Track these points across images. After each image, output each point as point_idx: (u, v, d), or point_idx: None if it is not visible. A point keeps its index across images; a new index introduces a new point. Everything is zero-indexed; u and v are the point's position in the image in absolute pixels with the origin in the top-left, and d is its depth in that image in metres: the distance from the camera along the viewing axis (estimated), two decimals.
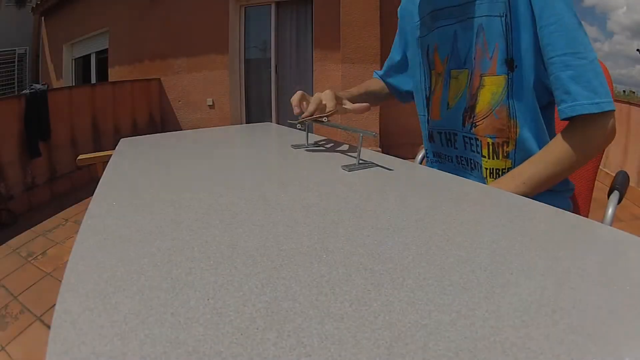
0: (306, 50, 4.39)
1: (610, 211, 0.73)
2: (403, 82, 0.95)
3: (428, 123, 0.84)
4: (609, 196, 0.77)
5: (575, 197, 0.84)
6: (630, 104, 3.12)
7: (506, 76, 0.66)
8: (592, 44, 0.63)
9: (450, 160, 0.80)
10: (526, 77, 0.65)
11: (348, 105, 0.76)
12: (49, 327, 0.82)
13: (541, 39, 0.62)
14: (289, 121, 0.81)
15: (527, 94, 0.66)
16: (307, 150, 0.74)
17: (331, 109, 0.72)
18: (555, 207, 0.45)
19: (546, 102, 0.69)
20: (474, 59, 0.69)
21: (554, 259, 0.34)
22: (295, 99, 0.75)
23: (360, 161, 0.64)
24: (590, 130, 0.62)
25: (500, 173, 0.72)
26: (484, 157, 0.72)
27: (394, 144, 3.92)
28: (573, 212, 0.76)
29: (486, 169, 0.73)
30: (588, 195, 0.88)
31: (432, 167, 0.85)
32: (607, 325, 0.25)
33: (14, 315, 1.68)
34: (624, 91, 4.10)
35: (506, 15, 0.64)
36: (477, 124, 0.71)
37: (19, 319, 1.65)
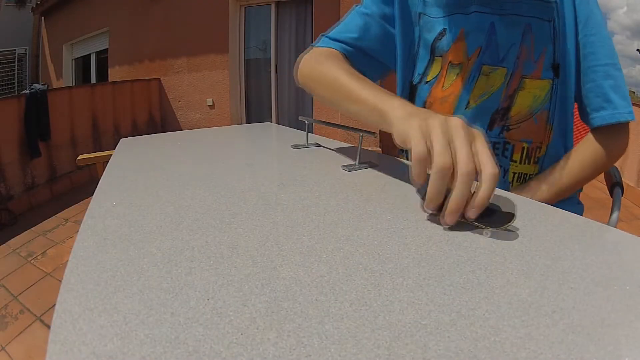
0: None
1: (616, 207, 0.76)
2: (374, 68, 0.76)
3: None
4: (611, 192, 0.79)
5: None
6: None
7: (551, 81, 0.66)
8: None
9: None
10: (569, 83, 0.66)
11: None
12: (49, 327, 0.82)
13: (584, 47, 0.64)
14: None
15: (567, 101, 0.67)
16: (307, 150, 0.74)
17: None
18: (555, 207, 0.46)
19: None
20: (517, 58, 0.66)
21: (554, 259, 0.34)
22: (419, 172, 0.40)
23: (360, 161, 0.64)
24: (617, 138, 0.66)
25: (527, 178, 0.70)
26: (514, 161, 0.69)
27: (394, 144, 3.92)
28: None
29: (514, 173, 0.69)
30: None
31: None
32: (607, 325, 0.25)
33: (14, 315, 1.68)
34: None
35: (554, 20, 0.64)
36: (512, 127, 0.67)
37: (19, 319, 1.65)
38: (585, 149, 0.66)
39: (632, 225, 2.47)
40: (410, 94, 0.75)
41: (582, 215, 0.76)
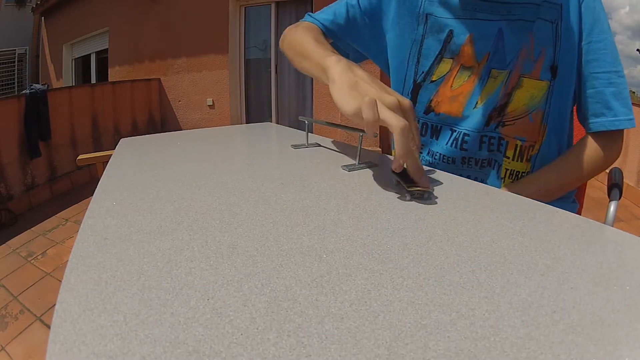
0: None
1: (612, 207, 0.76)
2: (348, 46, 0.82)
3: (429, 115, 0.74)
4: (609, 193, 0.79)
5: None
6: None
7: (549, 82, 0.67)
8: None
9: (452, 162, 0.74)
10: (567, 85, 0.67)
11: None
12: (49, 327, 0.82)
13: (587, 53, 0.65)
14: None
15: (564, 103, 0.68)
16: (307, 150, 0.74)
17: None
18: (555, 207, 0.45)
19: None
20: (517, 58, 0.67)
21: (554, 259, 0.34)
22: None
23: (360, 161, 0.64)
24: (613, 144, 0.67)
25: (518, 175, 0.71)
26: (507, 157, 0.70)
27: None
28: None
29: (506, 170, 0.71)
30: (582, 192, 0.89)
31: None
32: (607, 325, 0.25)
33: (14, 315, 1.68)
34: None
35: (558, 23, 0.65)
36: (507, 123, 0.68)
37: (19, 319, 1.65)
38: (580, 153, 0.67)
39: (632, 225, 2.47)
40: (413, 90, 0.75)
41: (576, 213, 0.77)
